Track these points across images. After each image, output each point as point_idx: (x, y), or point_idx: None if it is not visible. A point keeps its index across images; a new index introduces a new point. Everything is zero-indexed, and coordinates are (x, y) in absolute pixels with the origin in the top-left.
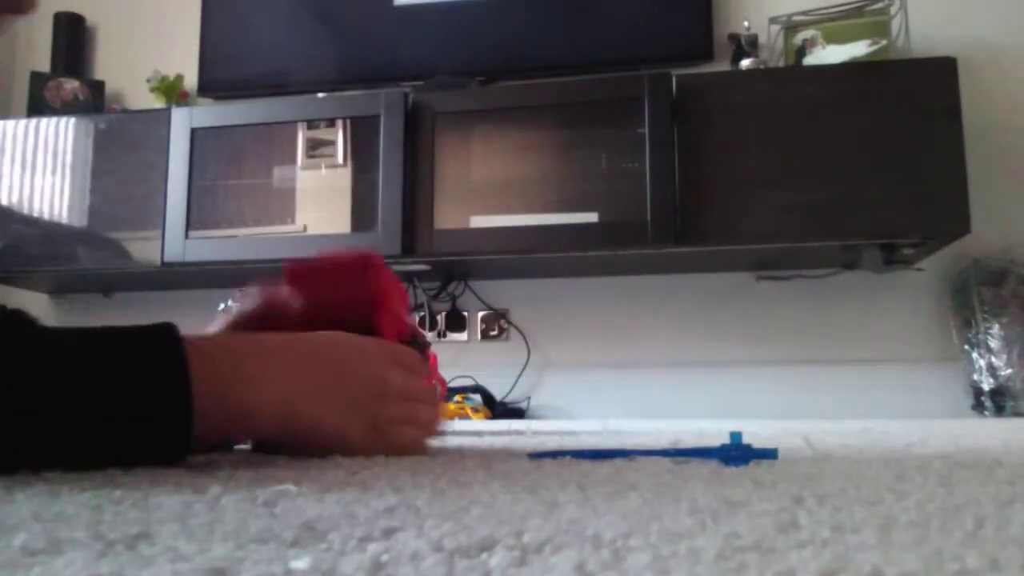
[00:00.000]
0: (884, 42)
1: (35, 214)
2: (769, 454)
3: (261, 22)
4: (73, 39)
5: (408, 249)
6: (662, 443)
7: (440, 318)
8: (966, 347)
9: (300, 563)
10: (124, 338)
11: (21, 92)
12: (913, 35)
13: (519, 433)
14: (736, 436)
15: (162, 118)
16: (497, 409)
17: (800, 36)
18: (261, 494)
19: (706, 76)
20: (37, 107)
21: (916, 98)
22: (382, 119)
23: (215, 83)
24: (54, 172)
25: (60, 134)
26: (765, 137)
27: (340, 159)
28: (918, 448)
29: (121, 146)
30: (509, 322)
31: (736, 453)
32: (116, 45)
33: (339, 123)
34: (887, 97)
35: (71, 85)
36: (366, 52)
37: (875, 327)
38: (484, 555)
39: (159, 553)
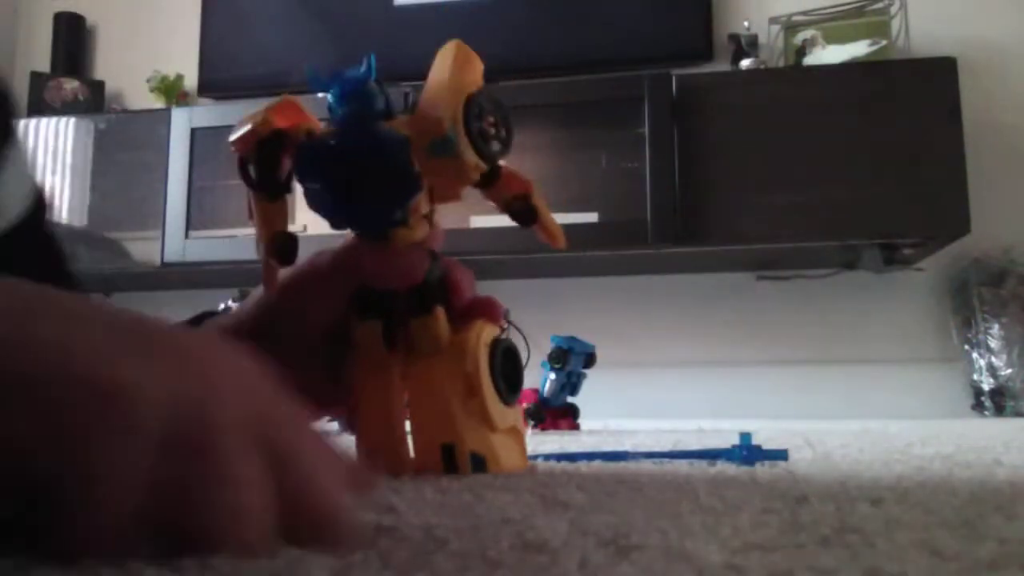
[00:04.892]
0: (884, 42)
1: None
2: (779, 455)
3: (261, 22)
4: (73, 39)
5: None
6: (663, 443)
7: None
8: (966, 347)
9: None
10: None
11: (21, 92)
12: (913, 35)
13: None
14: (746, 437)
15: (162, 118)
16: None
17: (800, 36)
18: None
19: (706, 76)
20: (37, 107)
21: (916, 98)
22: None
23: (215, 83)
24: (54, 172)
25: (60, 134)
26: (765, 137)
27: None
28: (918, 448)
29: (121, 146)
30: (509, 322)
31: (746, 455)
32: (116, 45)
33: None
34: (887, 97)
35: (71, 85)
36: (366, 52)
37: (875, 327)
38: (488, 553)
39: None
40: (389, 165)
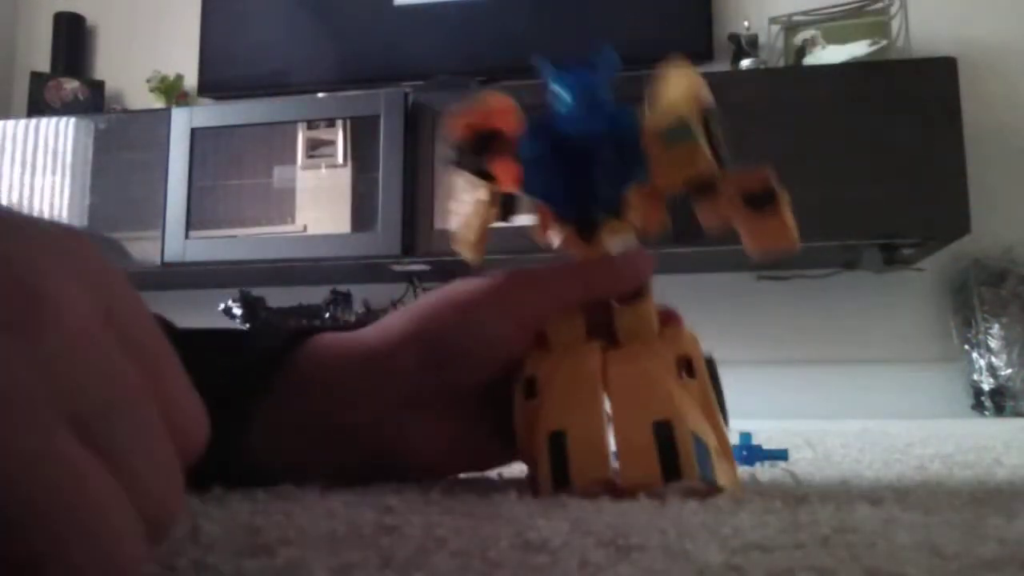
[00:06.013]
0: (884, 42)
1: (35, 214)
2: (779, 455)
3: (261, 22)
4: (73, 39)
5: (408, 249)
6: None
7: None
8: (966, 347)
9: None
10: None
11: (21, 92)
12: (913, 35)
13: None
14: (746, 437)
15: (162, 118)
16: None
17: (800, 36)
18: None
19: (706, 76)
20: (37, 107)
21: (916, 98)
22: (382, 119)
23: (215, 83)
24: (54, 172)
25: (60, 134)
26: (765, 137)
27: (340, 159)
28: (918, 448)
29: (121, 146)
30: None
31: (746, 455)
32: (116, 45)
33: (339, 123)
34: (887, 97)
35: (71, 85)
36: (366, 52)
37: (875, 327)
38: (488, 553)
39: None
40: (622, 139)
